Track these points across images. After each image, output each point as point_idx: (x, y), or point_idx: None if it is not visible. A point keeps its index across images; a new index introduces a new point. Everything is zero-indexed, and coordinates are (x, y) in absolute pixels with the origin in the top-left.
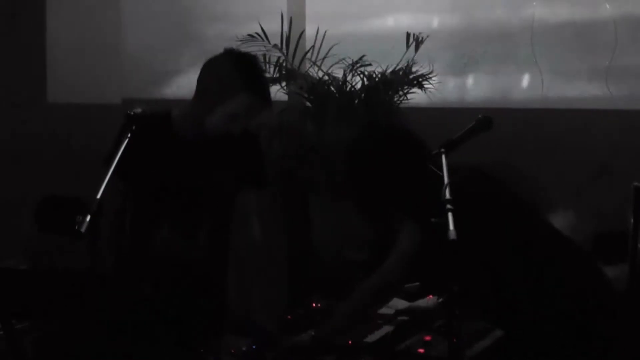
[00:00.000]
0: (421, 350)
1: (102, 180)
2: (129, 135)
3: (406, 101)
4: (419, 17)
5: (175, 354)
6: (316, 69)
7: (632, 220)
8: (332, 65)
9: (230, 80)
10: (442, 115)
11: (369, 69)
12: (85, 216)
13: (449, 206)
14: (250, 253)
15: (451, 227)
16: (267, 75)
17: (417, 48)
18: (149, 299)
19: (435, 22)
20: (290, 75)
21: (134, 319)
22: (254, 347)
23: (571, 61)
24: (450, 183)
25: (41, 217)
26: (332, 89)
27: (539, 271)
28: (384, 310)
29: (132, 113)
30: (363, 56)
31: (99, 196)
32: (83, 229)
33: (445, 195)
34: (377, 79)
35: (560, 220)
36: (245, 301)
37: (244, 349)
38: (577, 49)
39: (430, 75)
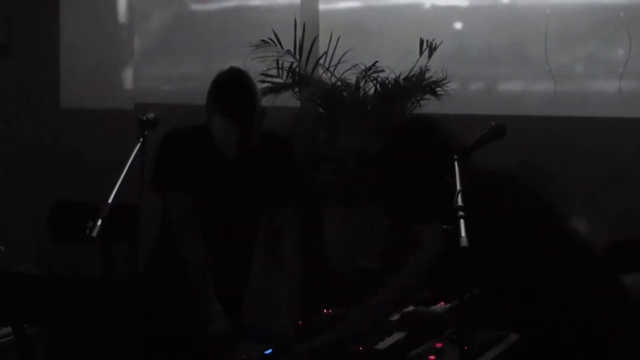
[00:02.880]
0: (432, 358)
1: (114, 186)
2: (141, 140)
3: (419, 108)
4: (432, 23)
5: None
6: (329, 75)
7: None
8: (345, 72)
9: (209, 102)
10: (454, 122)
11: (382, 75)
12: (97, 221)
13: (461, 213)
14: (284, 264)
15: (463, 234)
16: (280, 80)
17: (430, 55)
18: (162, 307)
19: (446, 29)
20: (303, 81)
21: (144, 325)
22: (265, 352)
23: (584, 67)
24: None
25: (53, 222)
26: (345, 95)
27: (557, 277)
28: (395, 317)
29: (144, 118)
30: (376, 62)
31: (110, 201)
32: (94, 234)
33: (457, 202)
34: (390, 86)
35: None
36: (266, 308)
37: (255, 354)
38: (591, 55)
39: (443, 82)
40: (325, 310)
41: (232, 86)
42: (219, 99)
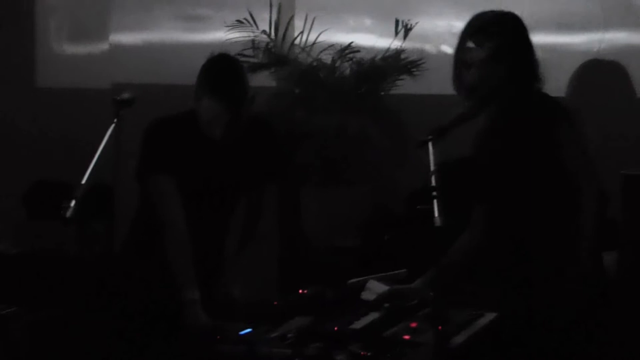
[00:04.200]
0: (407, 337)
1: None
2: (115, 120)
3: (395, 88)
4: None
5: (163, 339)
6: (305, 55)
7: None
8: (321, 52)
9: (199, 85)
10: (431, 102)
11: (358, 55)
12: (71, 202)
13: (434, 193)
14: (262, 243)
15: (436, 214)
16: (255, 60)
17: (406, 35)
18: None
19: (422, 8)
20: (279, 61)
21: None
22: (240, 333)
23: (561, 45)
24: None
25: (30, 202)
26: (321, 75)
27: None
28: (371, 298)
29: (119, 99)
30: (351, 42)
31: (84, 181)
32: (69, 215)
33: (431, 182)
34: (366, 66)
35: None
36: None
37: (231, 334)
38: (567, 33)
39: (419, 62)
40: (301, 290)
41: (224, 70)
42: (211, 82)
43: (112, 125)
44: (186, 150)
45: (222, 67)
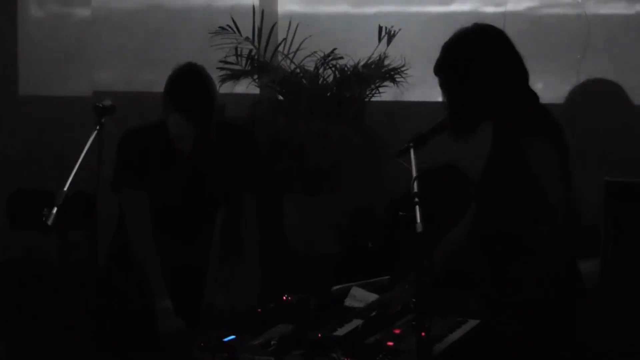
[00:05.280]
0: (390, 344)
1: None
2: (98, 127)
3: (378, 95)
4: (392, 9)
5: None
6: (288, 62)
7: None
8: (304, 59)
9: (165, 99)
10: (413, 109)
11: (340, 62)
12: (52, 209)
13: (416, 199)
14: (244, 252)
15: (418, 220)
16: (238, 67)
17: (389, 41)
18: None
19: (406, 15)
20: (262, 68)
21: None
22: (224, 339)
23: (542, 56)
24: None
25: (12, 209)
26: (304, 81)
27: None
28: (354, 304)
29: (100, 105)
30: (334, 49)
31: (65, 189)
32: (50, 222)
33: (413, 188)
34: (349, 73)
35: None
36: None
37: (214, 342)
38: (549, 44)
39: (402, 69)
40: (284, 297)
41: (187, 84)
42: (175, 96)
43: (94, 133)
44: (157, 164)
45: (187, 80)
